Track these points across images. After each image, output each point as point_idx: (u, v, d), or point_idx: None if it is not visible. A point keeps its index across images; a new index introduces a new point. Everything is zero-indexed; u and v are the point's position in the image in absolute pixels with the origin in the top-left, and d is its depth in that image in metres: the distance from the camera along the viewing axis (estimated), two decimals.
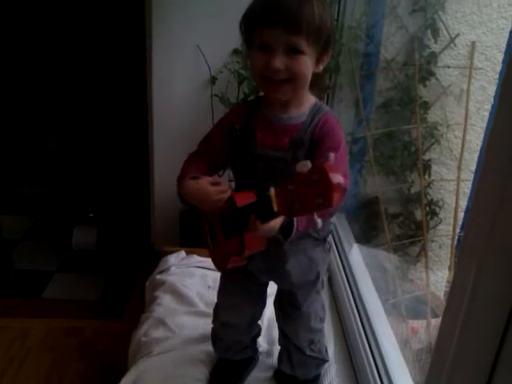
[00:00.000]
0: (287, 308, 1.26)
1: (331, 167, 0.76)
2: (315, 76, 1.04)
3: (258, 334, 1.42)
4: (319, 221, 0.81)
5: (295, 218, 0.95)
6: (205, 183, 1.03)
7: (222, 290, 1.31)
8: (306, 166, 0.79)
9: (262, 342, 1.49)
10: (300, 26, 0.95)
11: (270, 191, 0.83)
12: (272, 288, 1.30)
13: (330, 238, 1.21)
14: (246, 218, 0.91)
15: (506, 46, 1.89)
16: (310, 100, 1.09)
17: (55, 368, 1.95)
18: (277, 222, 0.92)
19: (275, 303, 1.31)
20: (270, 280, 1.27)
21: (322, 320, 1.30)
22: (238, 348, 1.38)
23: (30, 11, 3.54)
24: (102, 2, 3.41)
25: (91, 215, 2.83)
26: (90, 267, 2.63)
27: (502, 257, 0.64)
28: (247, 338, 1.38)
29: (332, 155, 0.78)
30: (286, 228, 0.96)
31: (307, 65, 0.99)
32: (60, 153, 3.75)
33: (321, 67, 1.04)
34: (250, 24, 1.01)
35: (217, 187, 1.02)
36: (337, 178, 0.75)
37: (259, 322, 1.39)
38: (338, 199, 0.76)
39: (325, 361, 1.36)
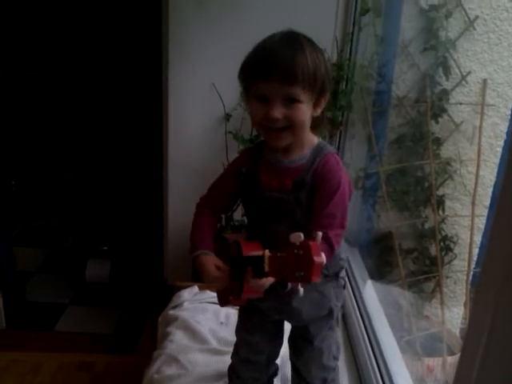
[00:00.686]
0: (299, 342, 1.25)
1: (316, 247, 0.84)
2: (315, 118, 1.08)
3: (275, 374, 1.40)
4: (301, 290, 0.88)
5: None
6: (210, 264, 1.09)
7: (239, 327, 1.31)
8: (298, 237, 0.86)
9: (275, 381, 1.46)
10: (295, 77, 0.98)
11: (265, 252, 0.90)
12: (288, 325, 1.29)
13: (343, 274, 1.21)
14: (245, 267, 0.98)
15: None
16: (311, 141, 1.11)
17: None
18: (268, 280, 0.95)
19: (289, 339, 1.30)
20: (281, 318, 1.26)
21: (335, 358, 1.28)
22: None
23: (48, 48, 3.65)
24: (119, 42, 3.51)
25: (105, 248, 2.85)
26: (103, 300, 2.63)
27: None
28: (265, 377, 1.36)
29: (320, 234, 0.86)
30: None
31: (304, 112, 1.02)
32: (75, 185, 3.80)
33: (319, 111, 1.07)
34: (246, 76, 1.06)
35: (217, 272, 1.08)
36: (320, 258, 0.83)
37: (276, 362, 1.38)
38: (317, 277, 0.84)
39: None
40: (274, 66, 0.98)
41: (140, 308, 2.58)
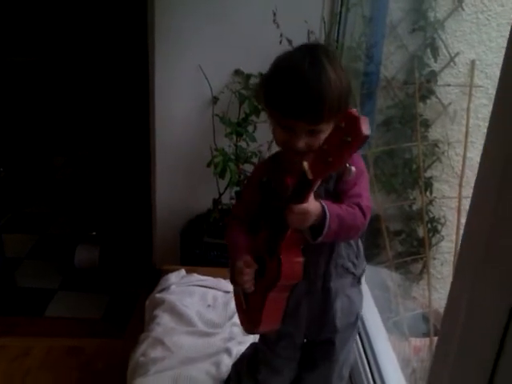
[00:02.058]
0: (319, 355, 1.20)
1: (355, 110, 0.84)
2: None
3: None
4: (353, 168, 0.88)
5: (328, 216, 0.97)
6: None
7: (266, 370, 1.26)
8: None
9: None
10: (322, 116, 0.99)
11: (304, 163, 0.91)
12: None
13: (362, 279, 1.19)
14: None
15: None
16: None
17: None
18: (308, 206, 0.95)
19: (303, 355, 1.24)
20: (310, 330, 1.19)
21: (349, 368, 1.28)
22: None
23: (36, 33, 3.61)
24: (105, 26, 3.48)
25: (94, 234, 2.84)
26: (92, 285, 2.62)
27: (496, 268, 0.64)
28: None
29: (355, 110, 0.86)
30: (317, 229, 0.98)
31: (324, 136, 1.01)
32: (64, 170, 3.78)
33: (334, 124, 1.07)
34: (272, 107, 1.05)
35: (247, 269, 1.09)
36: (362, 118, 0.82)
37: None
38: (366, 128, 0.82)
39: None
40: (304, 109, 0.98)
41: (129, 293, 2.57)
